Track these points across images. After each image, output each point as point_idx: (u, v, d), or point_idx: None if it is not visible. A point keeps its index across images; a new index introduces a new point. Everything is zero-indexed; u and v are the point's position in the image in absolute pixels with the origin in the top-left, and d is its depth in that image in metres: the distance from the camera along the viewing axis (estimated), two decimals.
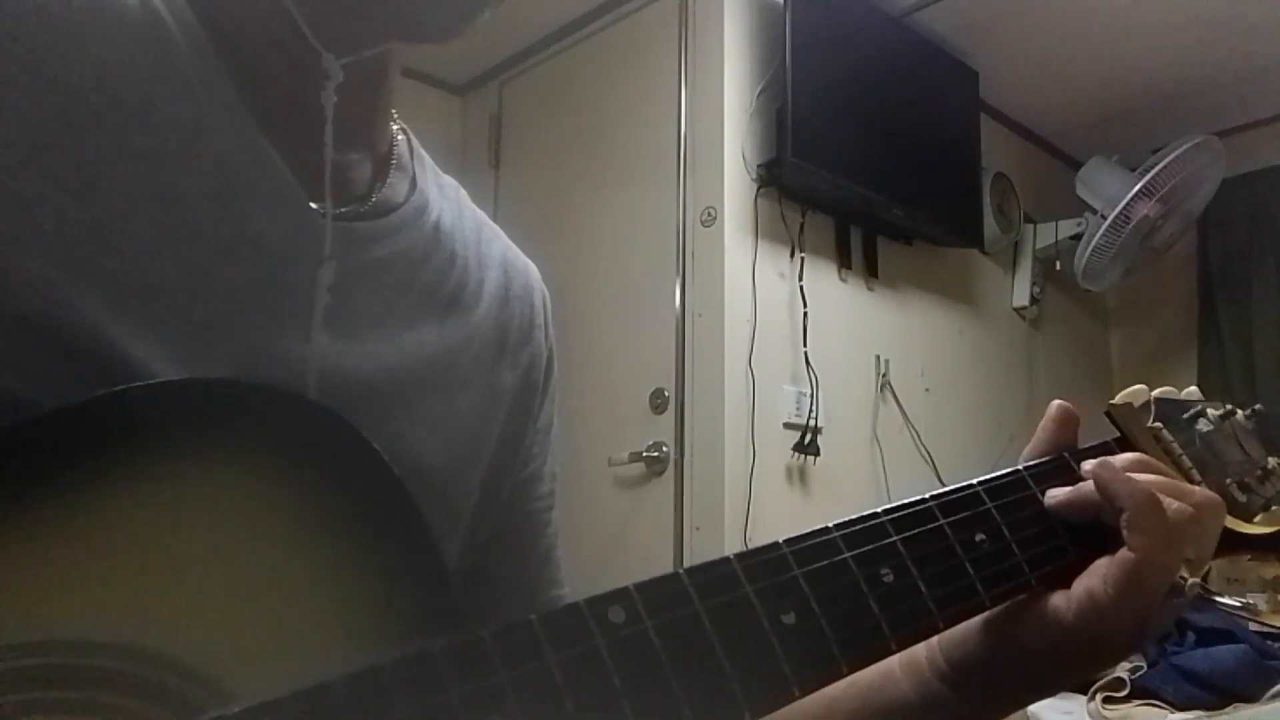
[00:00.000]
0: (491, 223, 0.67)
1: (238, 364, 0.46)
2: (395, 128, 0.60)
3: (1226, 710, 1.76)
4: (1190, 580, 0.52)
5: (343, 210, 0.52)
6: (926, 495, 0.50)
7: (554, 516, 0.68)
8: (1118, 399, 0.63)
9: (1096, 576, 0.51)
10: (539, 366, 0.66)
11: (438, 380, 0.56)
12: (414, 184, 0.59)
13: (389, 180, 0.57)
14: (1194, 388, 0.68)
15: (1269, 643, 1.97)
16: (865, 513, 0.47)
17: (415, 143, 0.62)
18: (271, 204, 0.48)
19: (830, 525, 0.45)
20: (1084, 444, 0.60)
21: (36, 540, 0.36)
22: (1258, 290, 3.34)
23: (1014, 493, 0.54)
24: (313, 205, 0.50)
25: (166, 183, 0.44)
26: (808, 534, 0.44)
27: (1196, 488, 0.56)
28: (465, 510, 0.59)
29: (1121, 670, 1.87)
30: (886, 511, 0.48)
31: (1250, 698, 1.77)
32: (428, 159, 0.63)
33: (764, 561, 0.42)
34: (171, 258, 0.44)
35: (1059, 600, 0.52)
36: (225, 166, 0.47)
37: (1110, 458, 0.57)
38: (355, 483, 0.43)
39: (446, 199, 0.62)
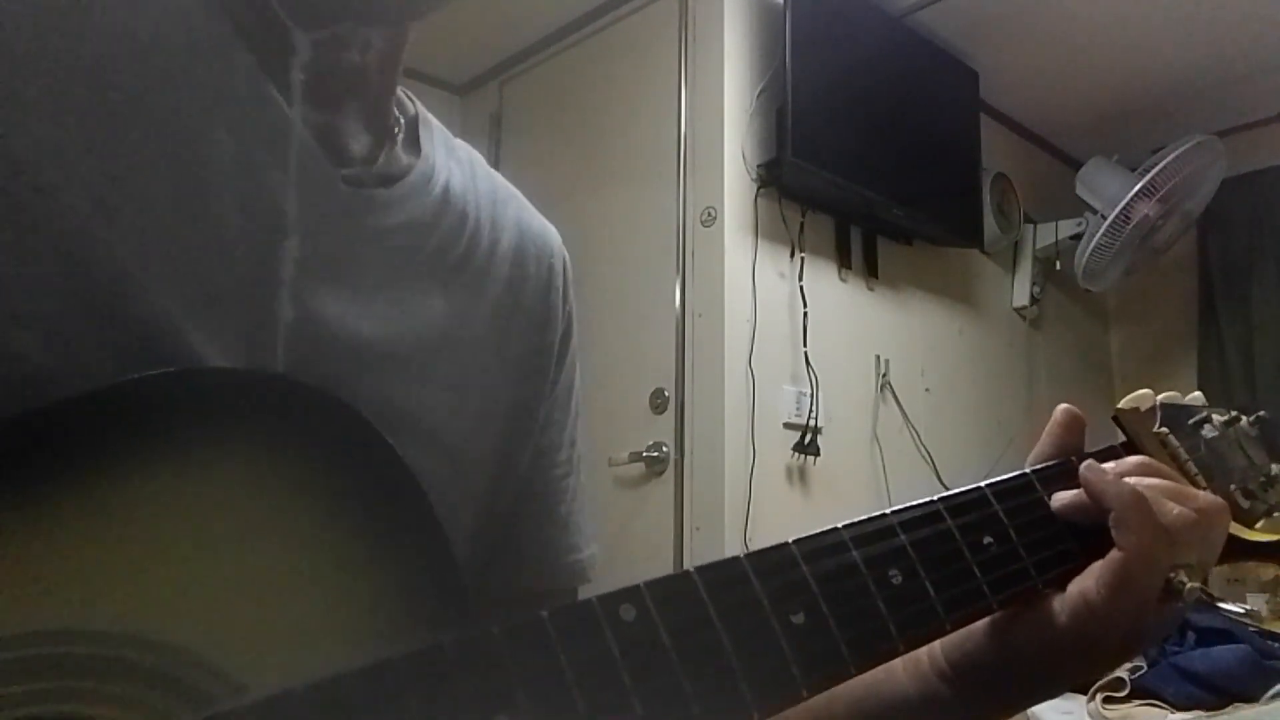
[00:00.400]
0: (508, 186, 0.66)
1: (246, 325, 0.46)
2: (401, 96, 0.60)
3: (1226, 710, 1.76)
4: (1189, 585, 0.52)
5: (347, 173, 0.52)
6: (935, 497, 0.50)
7: (573, 484, 0.67)
8: (1123, 403, 0.63)
9: (1090, 578, 0.52)
10: (555, 329, 0.65)
11: (449, 344, 0.56)
12: (419, 149, 0.59)
13: (394, 147, 0.57)
14: (1198, 393, 0.68)
15: (1269, 643, 1.97)
16: (874, 514, 0.47)
17: (421, 108, 0.62)
18: (285, 169, 0.48)
19: (840, 526, 0.45)
20: (1089, 448, 0.60)
21: (45, 530, 0.36)
22: (1258, 290, 3.34)
23: (1022, 496, 0.54)
24: (340, 172, 0.51)
25: (190, 144, 0.45)
26: (817, 534, 0.44)
27: (1201, 492, 0.56)
28: (481, 473, 0.59)
29: (1121, 670, 1.87)
30: (895, 513, 0.48)
31: (1250, 698, 1.77)
32: (435, 123, 0.62)
33: (774, 561, 0.42)
34: (194, 218, 0.44)
35: (1055, 603, 0.52)
36: (240, 132, 0.47)
37: (1103, 462, 0.57)
38: (365, 473, 0.43)
39: (457, 161, 0.62)
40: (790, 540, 0.43)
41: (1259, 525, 0.64)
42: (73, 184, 0.41)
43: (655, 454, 2.35)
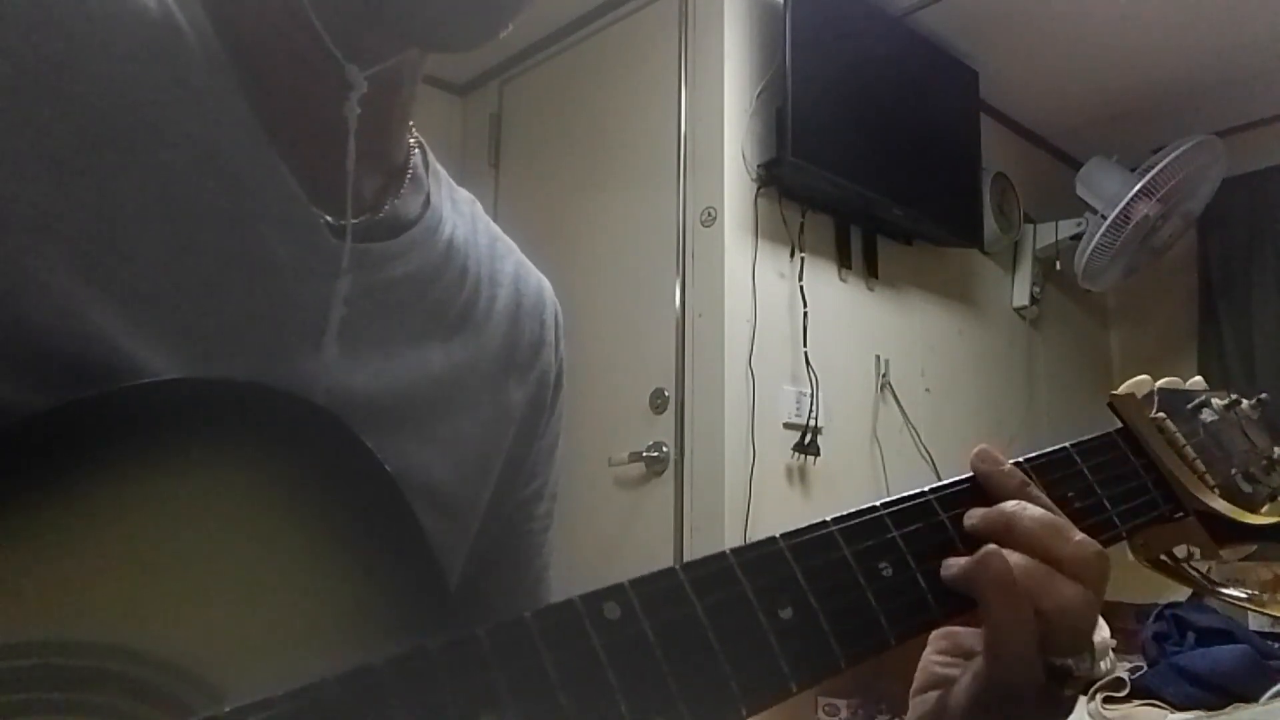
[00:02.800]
0: (505, 238, 0.66)
1: (248, 378, 0.45)
2: (411, 141, 0.60)
3: (1226, 710, 1.76)
4: (1073, 665, 0.46)
5: (354, 221, 0.52)
6: (926, 489, 0.50)
7: (550, 539, 0.67)
8: (1120, 389, 0.62)
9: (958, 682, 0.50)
10: (547, 384, 0.65)
11: (446, 399, 0.56)
12: (428, 200, 0.58)
13: (402, 193, 0.57)
14: (1199, 378, 0.66)
15: (1269, 643, 1.97)
16: (864, 506, 0.46)
17: (431, 157, 0.62)
18: (282, 221, 0.48)
19: (828, 519, 0.45)
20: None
21: (28, 540, 0.36)
22: (1258, 290, 3.34)
23: None
24: (327, 219, 0.50)
25: (179, 198, 0.44)
26: (805, 528, 0.44)
27: (1074, 539, 0.48)
28: (473, 527, 0.59)
29: (1121, 670, 1.87)
30: (885, 505, 0.47)
31: (1250, 698, 1.77)
32: (443, 173, 0.62)
33: (761, 556, 0.41)
34: (183, 272, 0.44)
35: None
36: (236, 183, 0.46)
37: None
38: (350, 483, 0.43)
39: (460, 214, 0.62)
40: (778, 535, 0.42)
41: (1263, 509, 0.62)
42: (58, 242, 0.40)
43: (655, 454, 2.35)
